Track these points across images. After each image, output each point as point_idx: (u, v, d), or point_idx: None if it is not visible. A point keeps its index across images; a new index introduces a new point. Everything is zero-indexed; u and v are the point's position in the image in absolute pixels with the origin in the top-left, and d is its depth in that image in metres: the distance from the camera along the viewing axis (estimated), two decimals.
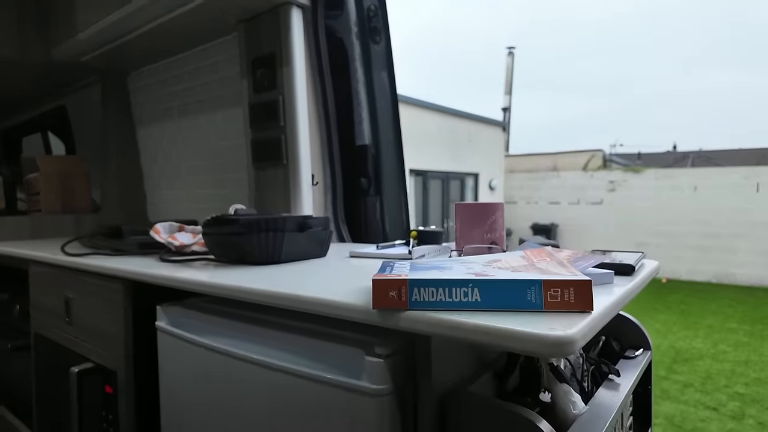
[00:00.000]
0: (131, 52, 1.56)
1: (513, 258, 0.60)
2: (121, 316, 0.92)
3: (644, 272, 0.72)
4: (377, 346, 0.56)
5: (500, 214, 0.94)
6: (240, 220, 0.88)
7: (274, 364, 0.64)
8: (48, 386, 1.19)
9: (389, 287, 0.50)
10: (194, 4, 1.20)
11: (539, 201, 8.96)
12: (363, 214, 1.45)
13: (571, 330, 0.41)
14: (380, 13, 1.31)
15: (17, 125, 2.57)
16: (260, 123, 1.31)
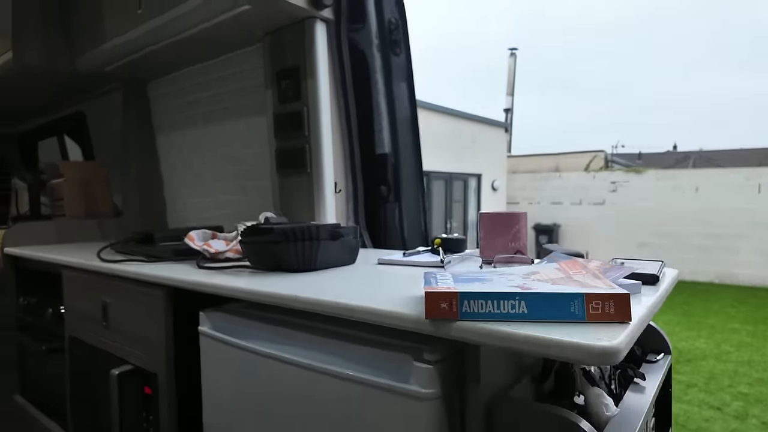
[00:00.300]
0: (153, 61, 1.59)
1: (549, 270, 0.64)
2: (162, 321, 0.96)
3: (667, 281, 0.76)
4: (426, 353, 0.60)
5: (524, 223, 0.98)
6: (276, 229, 0.92)
7: (320, 367, 0.68)
8: (83, 387, 1.23)
9: (441, 299, 0.54)
10: (221, 19, 1.24)
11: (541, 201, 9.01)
12: (383, 220, 1.49)
13: (616, 340, 0.46)
14: (401, 26, 1.35)
15: (33, 129, 2.60)
16: (285, 132, 1.35)
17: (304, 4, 1.19)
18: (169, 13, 1.28)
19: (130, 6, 1.40)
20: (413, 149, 1.48)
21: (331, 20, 1.28)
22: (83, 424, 1.25)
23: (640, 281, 0.69)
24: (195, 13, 1.23)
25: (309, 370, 0.70)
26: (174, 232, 1.34)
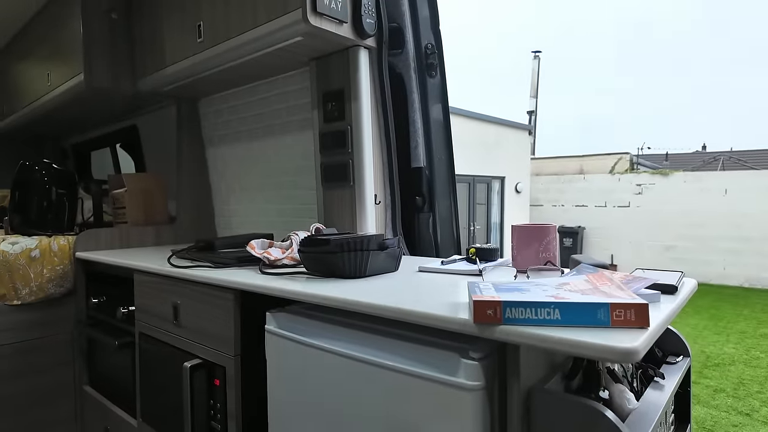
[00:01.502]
0: (207, 82, 1.74)
1: (579, 281, 0.74)
2: (231, 320, 1.09)
3: (685, 291, 0.85)
4: (471, 351, 0.71)
5: (553, 235, 1.08)
6: (332, 240, 1.05)
7: (377, 362, 0.80)
8: (151, 378, 1.38)
9: (487, 307, 0.65)
10: (274, 48, 1.37)
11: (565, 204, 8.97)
12: (417, 228, 1.60)
13: (636, 343, 0.56)
14: (436, 51, 1.46)
15: (88, 140, 2.81)
16: (329, 149, 1.48)
17: (350, 35, 1.31)
18: (227, 43, 1.42)
19: (190, 35, 1.55)
20: (447, 163, 1.59)
21: (373, 48, 1.40)
22: (150, 411, 1.40)
23: (660, 291, 0.78)
24: (251, 44, 1.37)
25: (367, 363, 0.82)
26: (230, 239, 1.49)
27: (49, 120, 2.46)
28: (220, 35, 1.44)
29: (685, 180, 8.02)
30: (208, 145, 2.02)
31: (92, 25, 1.76)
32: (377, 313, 0.79)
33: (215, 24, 1.46)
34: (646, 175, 8.45)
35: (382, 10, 1.36)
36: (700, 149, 15.35)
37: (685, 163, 11.19)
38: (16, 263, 1.58)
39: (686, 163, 11.47)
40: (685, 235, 7.91)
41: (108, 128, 2.57)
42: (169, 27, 1.66)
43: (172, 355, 1.27)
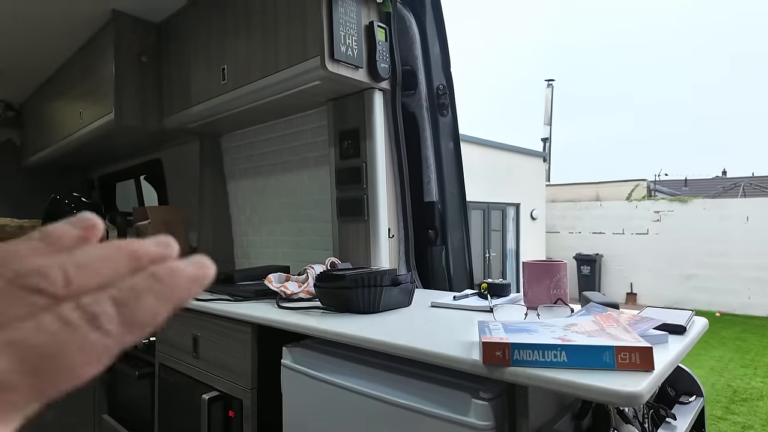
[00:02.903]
0: (229, 120, 1.83)
1: (586, 322, 0.76)
2: (248, 353, 1.13)
3: (694, 331, 0.86)
4: (481, 391, 0.73)
5: (564, 272, 1.10)
6: (347, 276, 1.08)
7: (393, 401, 0.82)
8: (170, 409, 1.41)
9: (496, 348, 0.68)
10: (293, 91, 1.45)
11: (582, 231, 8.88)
12: (430, 261, 1.63)
13: (639, 387, 0.58)
14: (448, 92, 1.52)
15: (113, 172, 2.93)
16: (345, 185, 1.53)
17: (366, 78, 1.38)
18: (249, 85, 1.51)
19: (215, 77, 1.65)
20: (459, 197, 1.63)
21: (387, 89, 1.46)
22: None
23: (668, 332, 0.79)
24: (272, 87, 1.45)
25: (380, 401, 0.84)
26: (248, 272, 1.54)
27: (78, 153, 2.58)
28: (243, 78, 1.53)
29: (705, 207, 7.90)
30: (229, 178, 2.10)
31: (123, 67, 1.88)
32: (391, 351, 0.81)
33: (238, 68, 1.55)
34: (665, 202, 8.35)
35: (396, 55, 1.44)
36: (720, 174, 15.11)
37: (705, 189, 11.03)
38: None
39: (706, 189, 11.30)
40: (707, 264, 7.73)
41: (133, 161, 2.68)
42: (195, 69, 1.76)
43: (191, 387, 1.31)
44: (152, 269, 0.17)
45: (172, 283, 0.17)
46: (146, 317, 0.16)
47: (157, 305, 0.17)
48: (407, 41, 1.51)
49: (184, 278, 0.18)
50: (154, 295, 0.17)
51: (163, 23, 1.96)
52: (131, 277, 0.17)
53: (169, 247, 0.19)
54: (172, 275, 0.17)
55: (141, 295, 0.16)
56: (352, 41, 1.33)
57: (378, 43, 1.38)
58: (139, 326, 0.16)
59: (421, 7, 1.50)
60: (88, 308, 0.15)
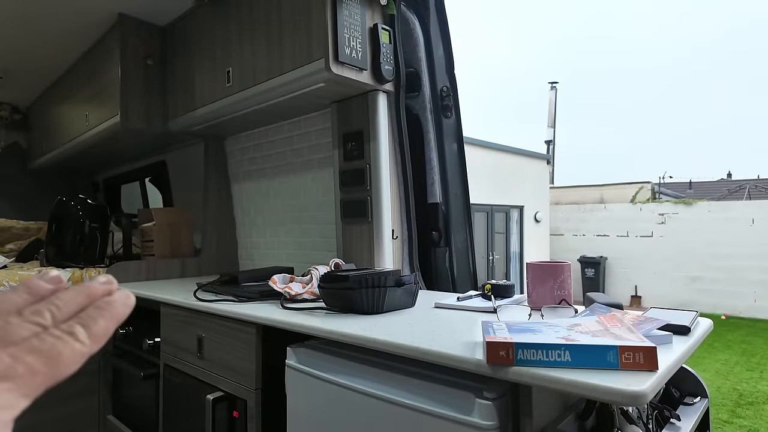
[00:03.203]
0: (233, 123, 1.84)
1: (590, 322, 0.76)
2: (253, 354, 1.13)
3: (698, 332, 0.86)
4: (485, 391, 0.73)
5: (568, 273, 1.10)
6: (351, 277, 1.09)
7: (397, 401, 0.82)
8: (175, 409, 1.42)
9: (500, 348, 0.68)
10: (298, 93, 1.45)
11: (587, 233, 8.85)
12: (434, 263, 1.63)
13: (643, 386, 0.58)
14: (451, 93, 1.52)
15: (118, 174, 2.95)
16: (349, 186, 1.53)
17: (370, 80, 1.39)
18: (254, 88, 1.52)
19: (220, 80, 1.66)
20: (462, 199, 1.63)
21: (391, 91, 1.47)
22: None
23: (672, 332, 0.79)
24: (276, 89, 1.46)
25: (384, 401, 0.84)
26: (252, 273, 1.54)
27: (84, 156, 2.60)
28: (248, 81, 1.54)
29: (710, 209, 7.86)
30: (233, 180, 2.11)
31: (129, 70, 1.90)
32: (394, 351, 0.81)
33: (243, 70, 1.56)
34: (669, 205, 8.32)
35: (400, 57, 1.44)
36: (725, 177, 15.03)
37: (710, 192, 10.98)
38: None
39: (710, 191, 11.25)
40: (712, 266, 7.69)
41: (138, 163, 2.70)
42: (200, 72, 1.77)
43: (195, 387, 1.31)
44: (99, 302, 0.28)
45: (112, 310, 0.28)
46: (102, 332, 0.27)
47: (107, 324, 0.28)
48: (411, 43, 1.52)
49: (118, 305, 0.29)
50: (103, 318, 0.28)
51: (169, 26, 1.97)
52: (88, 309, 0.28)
53: (112, 284, 0.30)
54: (110, 304, 0.28)
55: (95, 319, 0.27)
56: (356, 44, 1.34)
57: (382, 45, 1.39)
58: (99, 337, 0.27)
59: (425, 10, 1.51)
60: (67, 329, 0.26)
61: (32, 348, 0.24)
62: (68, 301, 0.27)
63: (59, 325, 0.26)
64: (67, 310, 0.27)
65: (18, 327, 0.25)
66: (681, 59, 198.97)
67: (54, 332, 0.25)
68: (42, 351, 0.24)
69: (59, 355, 0.25)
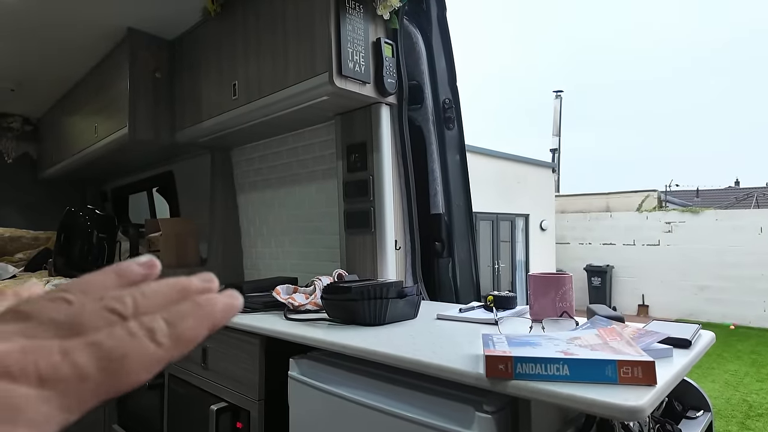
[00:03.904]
0: (239, 134, 1.87)
1: (589, 336, 0.77)
2: (256, 365, 1.14)
3: (700, 345, 0.86)
4: (485, 404, 0.73)
5: (570, 285, 1.10)
6: (354, 288, 1.10)
7: (398, 413, 0.83)
8: (179, 419, 1.43)
9: (499, 362, 0.68)
10: (302, 106, 1.48)
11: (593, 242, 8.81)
12: (437, 273, 1.64)
13: (641, 401, 0.58)
14: (453, 106, 1.54)
15: (126, 185, 2.99)
16: (352, 197, 1.55)
17: (373, 93, 1.41)
18: (259, 101, 1.54)
19: (226, 93, 1.69)
20: (465, 209, 1.64)
21: (394, 104, 1.49)
22: None
23: (672, 346, 0.80)
24: (281, 102, 1.48)
25: (385, 413, 0.85)
26: (257, 283, 1.55)
27: (92, 166, 2.64)
28: (254, 94, 1.56)
29: (717, 218, 7.80)
30: (239, 191, 2.14)
31: (138, 83, 1.93)
32: (395, 363, 0.82)
33: (249, 84, 1.59)
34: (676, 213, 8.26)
35: (403, 70, 1.46)
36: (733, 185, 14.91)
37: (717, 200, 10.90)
38: None
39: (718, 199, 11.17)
40: (720, 275, 7.61)
41: (145, 174, 2.73)
42: (207, 85, 1.80)
43: (200, 398, 1.32)
44: (195, 298, 0.22)
45: (209, 309, 0.22)
46: (189, 334, 0.21)
47: (197, 326, 0.21)
48: (414, 57, 1.54)
49: (219, 306, 0.22)
50: (196, 317, 0.21)
51: (177, 40, 2.01)
52: (179, 304, 0.22)
53: (212, 282, 0.23)
54: (209, 303, 0.22)
55: (185, 317, 0.21)
56: (359, 57, 1.36)
57: (385, 59, 1.41)
58: (184, 341, 0.21)
59: (428, 24, 1.53)
60: (147, 324, 0.20)
61: (94, 343, 0.19)
62: (157, 291, 0.22)
63: (140, 317, 0.20)
64: (155, 300, 0.21)
65: (93, 313, 0.20)
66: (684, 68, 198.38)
67: (130, 325, 0.20)
68: (104, 349, 0.19)
69: (123, 359, 0.19)
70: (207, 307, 0.22)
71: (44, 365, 0.18)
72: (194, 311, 0.21)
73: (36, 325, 0.19)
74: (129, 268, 0.23)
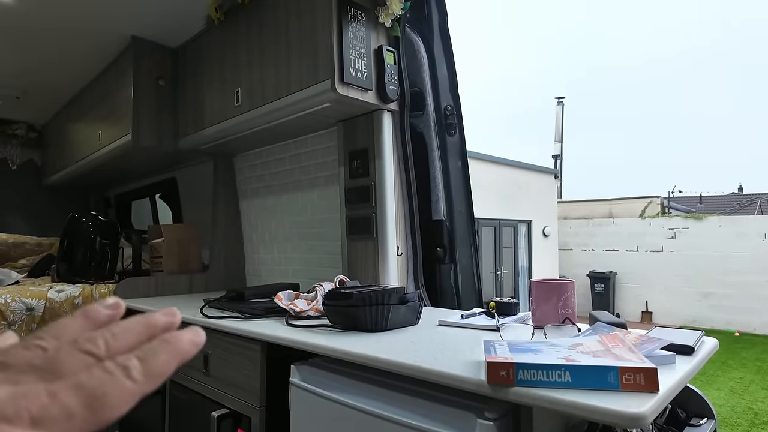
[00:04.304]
0: (242, 141, 1.88)
1: (591, 342, 0.77)
2: (258, 371, 1.14)
3: (703, 352, 0.85)
4: (486, 411, 0.73)
5: (572, 291, 1.10)
6: (355, 294, 1.10)
7: (399, 420, 0.83)
8: (180, 426, 1.42)
9: (500, 368, 0.68)
10: (304, 113, 1.49)
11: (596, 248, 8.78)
12: (438, 280, 1.64)
13: (644, 408, 0.58)
14: (455, 112, 1.55)
15: (129, 191, 3.01)
16: (354, 203, 1.55)
17: (375, 100, 1.41)
18: (262, 108, 1.55)
19: (229, 100, 1.70)
20: (467, 215, 1.64)
21: (396, 110, 1.50)
22: None
23: (675, 352, 0.79)
24: (284, 109, 1.49)
25: (387, 420, 0.84)
26: (258, 289, 1.56)
27: (96, 173, 2.66)
28: (256, 101, 1.57)
29: (721, 224, 7.77)
30: (241, 197, 2.14)
31: (141, 91, 1.95)
32: (397, 370, 0.82)
33: (252, 91, 1.60)
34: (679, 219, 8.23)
35: (404, 77, 1.47)
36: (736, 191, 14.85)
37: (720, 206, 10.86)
38: (60, 310, 1.69)
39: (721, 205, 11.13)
40: (724, 282, 7.57)
41: (149, 180, 2.75)
42: (210, 92, 1.82)
43: (201, 404, 1.32)
44: (163, 336, 0.24)
45: (177, 346, 0.24)
46: (161, 370, 0.23)
47: (168, 361, 0.23)
48: (415, 64, 1.55)
49: (185, 341, 0.24)
50: (165, 353, 0.23)
51: (180, 48, 2.03)
52: (149, 342, 0.24)
53: (175, 316, 0.26)
54: (176, 340, 0.24)
55: (156, 354, 0.23)
56: (361, 65, 1.37)
57: (387, 66, 1.42)
58: (156, 376, 0.23)
59: (429, 32, 1.54)
60: (122, 363, 0.22)
61: (77, 384, 0.21)
62: (126, 329, 0.24)
63: (114, 357, 0.22)
64: (125, 340, 0.23)
65: (69, 356, 0.22)
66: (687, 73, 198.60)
67: (107, 365, 0.22)
68: (86, 389, 0.21)
69: (104, 396, 0.21)
70: (175, 343, 0.24)
71: (35, 408, 0.20)
72: (163, 348, 0.23)
73: (16, 372, 0.21)
74: (96, 312, 0.25)
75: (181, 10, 1.77)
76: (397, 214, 1.54)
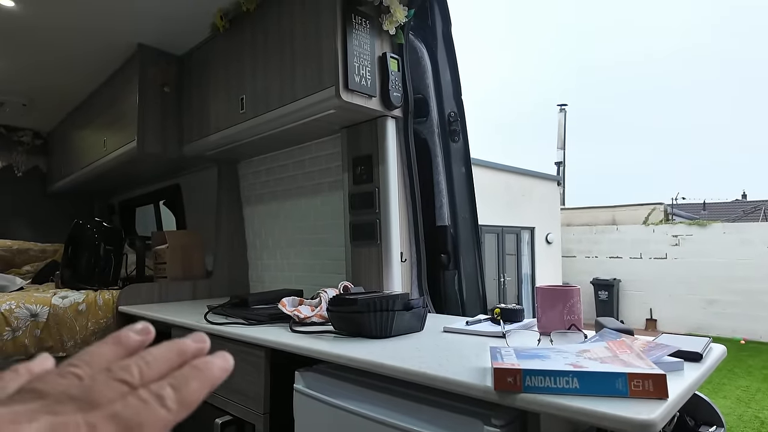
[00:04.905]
0: (246, 147, 1.89)
1: (599, 348, 0.76)
2: (261, 377, 1.13)
3: (711, 359, 0.84)
4: (493, 418, 0.72)
5: (577, 298, 1.09)
6: (360, 300, 1.09)
7: (405, 427, 0.82)
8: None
9: (507, 374, 0.68)
10: (309, 119, 1.49)
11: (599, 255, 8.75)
12: (442, 286, 1.63)
13: (653, 415, 0.57)
14: (459, 118, 1.55)
15: (133, 197, 3.02)
16: (358, 209, 1.55)
17: (379, 107, 1.42)
18: (267, 114, 1.56)
19: (234, 107, 1.71)
20: (471, 222, 1.64)
21: (400, 117, 1.50)
22: None
23: (683, 359, 0.78)
24: (288, 116, 1.50)
25: (392, 427, 0.84)
26: (262, 295, 1.55)
27: (101, 180, 2.67)
28: (261, 107, 1.58)
29: (725, 231, 7.73)
30: (245, 203, 2.15)
31: (147, 98, 1.96)
32: (402, 376, 0.81)
33: (257, 98, 1.61)
34: (683, 226, 8.20)
35: (408, 84, 1.48)
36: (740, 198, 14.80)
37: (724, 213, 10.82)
38: (64, 317, 1.69)
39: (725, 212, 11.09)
40: (729, 289, 7.52)
41: (153, 187, 2.76)
42: (215, 99, 1.83)
43: (204, 411, 1.31)
44: (194, 362, 0.25)
45: (209, 373, 0.24)
46: (194, 397, 0.23)
47: (200, 388, 0.24)
48: (419, 71, 1.56)
49: (216, 368, 0.25)
50: (197, 381, 0.24)
51: (186, 55, 2.04)
52: (180, 369, 0.24)
53: (204, 342, 0.26)
54: (207, 367, 0.25)
55: (188, 381, 0.23)
56: (365, 72, 1.38)
57: (391, 73, 1.43)
58: (188, 404, 0.23)
59: (433, 39, 1.55)
60: (156, 391, 0.22)
61: (113, 415, 0.21)
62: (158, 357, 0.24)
63: (148, 386, 0.23)
64: (157, 367, 0.24)
65: (104, 386, 0.22)
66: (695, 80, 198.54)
67: (141, 394, 0.22)
68: (122, 419, 0.21)
69: (140, 427, 0.21)
70: (206, 371, 0.24)
71: None
72: (195, 375, 0.24)
73: (54, 402, 0.21)
74: (127, 337, 0.25)
75: (187, 18, 1.78)
76: (401, 220, 1.54)
